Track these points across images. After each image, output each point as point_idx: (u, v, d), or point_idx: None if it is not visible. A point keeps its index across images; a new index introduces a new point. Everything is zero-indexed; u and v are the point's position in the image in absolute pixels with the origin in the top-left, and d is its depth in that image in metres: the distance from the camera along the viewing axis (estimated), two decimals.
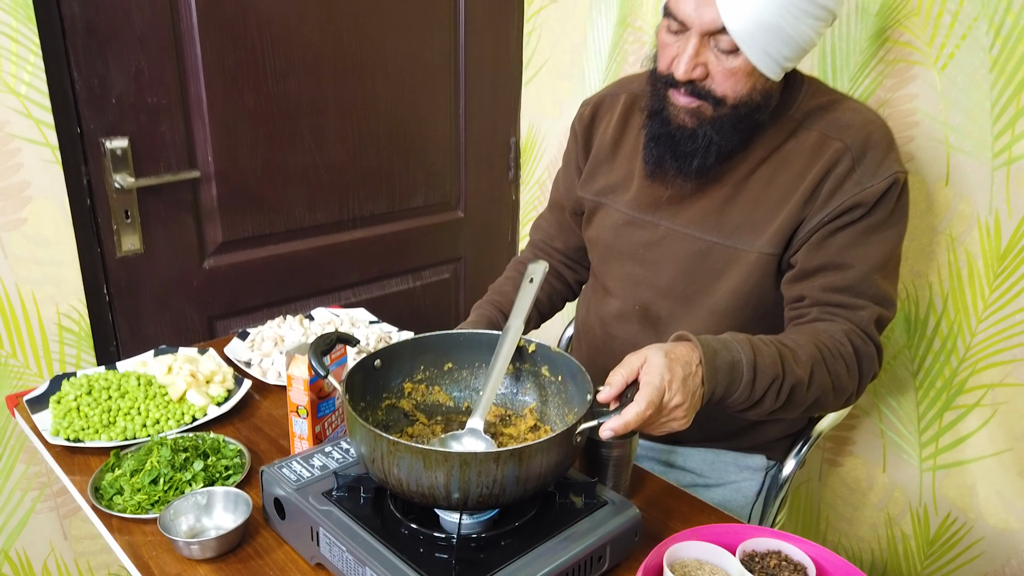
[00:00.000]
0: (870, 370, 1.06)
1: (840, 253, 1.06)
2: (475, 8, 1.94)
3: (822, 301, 1.06)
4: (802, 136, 1.10)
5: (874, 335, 1.06)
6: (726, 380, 0.92)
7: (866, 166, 1.05)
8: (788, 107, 1.11)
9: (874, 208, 1.05)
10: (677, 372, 0.86)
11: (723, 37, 0.98)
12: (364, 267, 1.93)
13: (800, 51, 1.02)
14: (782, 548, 0.90)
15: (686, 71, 1.01)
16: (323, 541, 0.88)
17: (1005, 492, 1.40)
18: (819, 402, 1.01)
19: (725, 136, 1.06)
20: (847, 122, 1.08)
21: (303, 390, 1.09)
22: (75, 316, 1.50)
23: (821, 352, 0.99)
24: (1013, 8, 1.24)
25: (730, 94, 1.03)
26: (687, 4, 0.99)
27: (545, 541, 0.85)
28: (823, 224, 1.06)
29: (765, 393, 0.95)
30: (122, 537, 0.98)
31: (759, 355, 0.94)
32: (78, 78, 1.42)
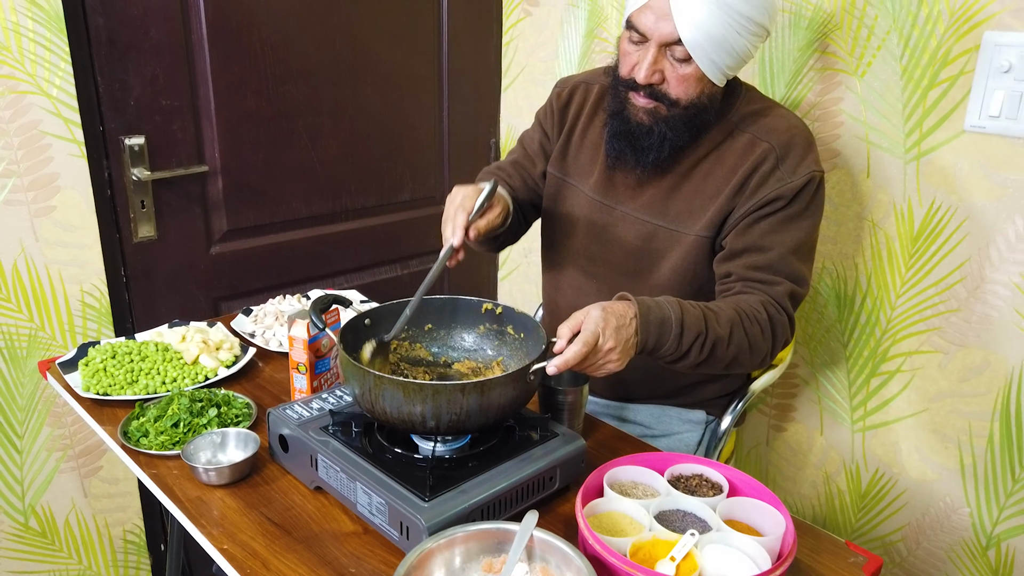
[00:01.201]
0: (782, 335, 1.22)
1: (762, 237, 1.23)
2: (457, 20, 2.13)
3: (745, 277, 1.24)
4: (737, 137, 1.28)
5: (787, 306, 1.23)
6: (657, 333, 1.09)
7: (788, 165, 1.24)
8: (727, 111, 1.29)
9: (793, 201, 1.23)
10: (611, 321, 1.04)
11: (678, 48, 1.16)
12: (355, 256, 2.11)
13: (740, 61, 1.21)
14: (703, 472, 1.08)
15: (646, 76, 1.19)
16: (321, 466, 1.06)
17: (923, 448, 1.59)
18: (738, 359, 1.19)
19: (677, 133, 1.24)
20: (774, 126, 1.27)
21: (303, 349, 1.26)
22: (96, 294, 1.67)
23: (740, 316, 1.17)
24: (918, 22, 1.43)
25: (683, 97, 1.21)
26: (648, 18, 1.17)
27: (504, 463, 1.03)
28: (749, 213, 1.24)
29: (691, 347, 1.12)
30: (149, 470, 1.15)
31: (687, 314, 1.12)
32: (102, 83, 1.60)
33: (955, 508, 1.57)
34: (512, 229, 1.47)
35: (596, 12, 1.98)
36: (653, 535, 0.94)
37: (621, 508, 1.00)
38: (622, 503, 1.00)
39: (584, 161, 1.41)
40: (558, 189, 1.44)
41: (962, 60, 1.39)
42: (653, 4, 1.16)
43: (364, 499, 1.00)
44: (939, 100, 1.43)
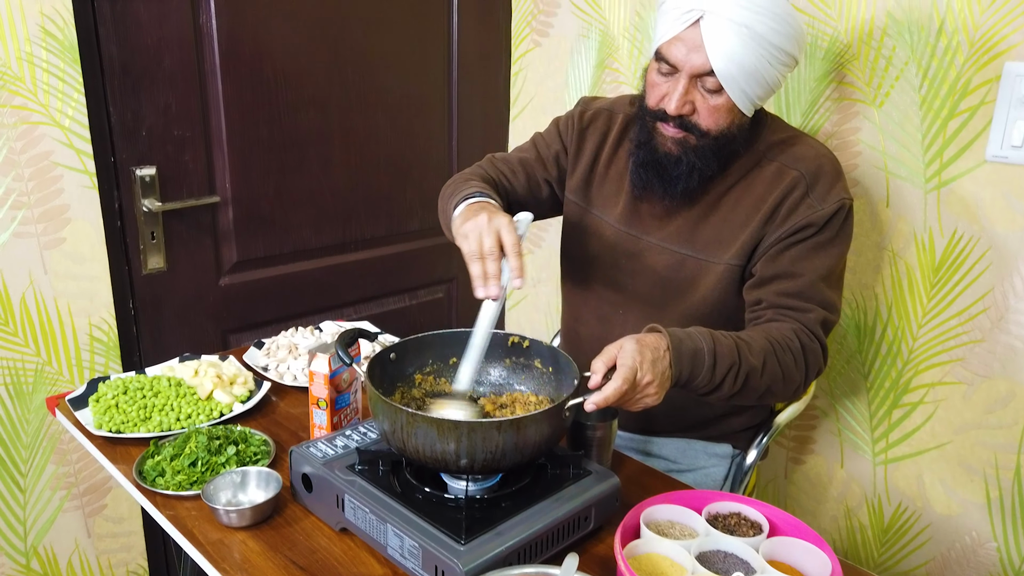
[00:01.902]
0: (815, 364, 1.21)
1: (792, 264, 1.22)
2: (467, 50, 2.13)
3: (776, 304, 1.22)
4: (765, 166, 1.27)
5: (819, 334, 1.21)
6: (690, 364, 1.07)
7: (817, 192, 1.23)
8: (754, 141, 1.28)
9: (823, 228, 1.22)
10: (647, 355, 1.02)
11: (709, 79, 1.16)
12: (364, 286, 2.09)
13: (770, 91, 1.21)
14: (741, 510, 1.05)
15: (677, 107, 1.18)
16: (348, 506, 1.02)
17: (947, 481, 1.57)
18: (771, 390, 1.17)
19: (707, 162, 1.22)
20: (802, 155, 1.26)
21: (323, 384, 1.23)
22: (104, 327, 1.64)
23: (772, 346, 1.15)
24: (937, 53, 1.43)
25: (713, 128, 1.20)
26: (679, 50, 1.16)
27: (538, 503, 1.00)
28: (779, 240, 1.23)
29: (724, 377, 1.10)
30: (166, 511, 1.11)
31: (719, 344, 1.10)
32: (114, 112, 1.58)
33: (982, 543, 1.54)
34: None
35: (607, 43, 1.98)
36: None
37: (661, 549, 0.97)
38: (661, 544, 0.97)
39: (609, 192, 1.39)
40: (581, 219, 1.42)
41: (982, 90, 1.39)
42: (684, 36, 1.15)
43: (395, 541, 0.96)
44: (959, 130, 1.43)
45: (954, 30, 1.41)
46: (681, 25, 1.14)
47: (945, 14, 1.41)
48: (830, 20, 1.56)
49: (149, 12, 1.58)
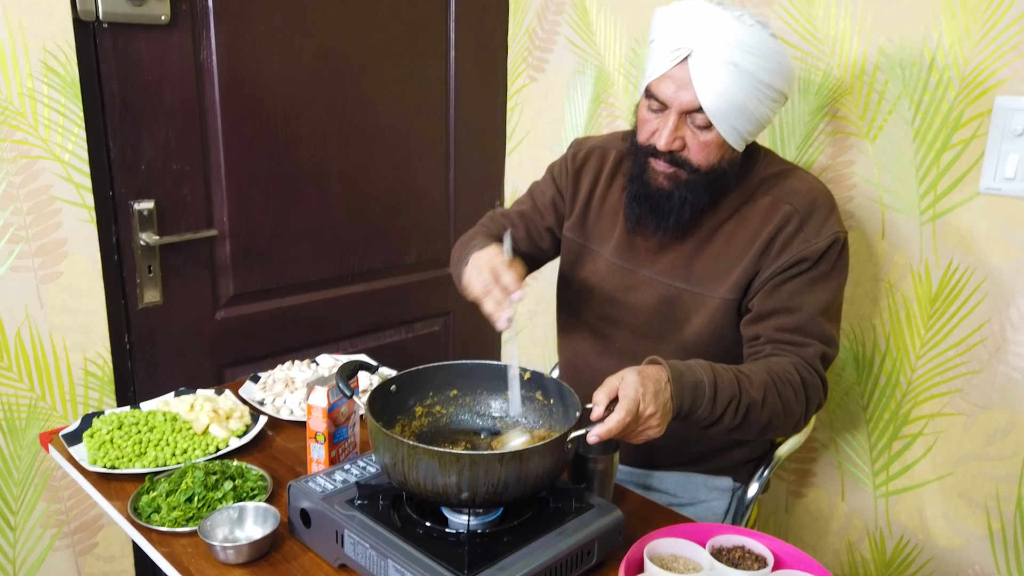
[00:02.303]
0: (816, 398, 1.20)
1: (790, 299, 1.22)
2: (464, 86, 2.16)
3: (775, 339, 1.22)
4: (758, 199, 1.28)
5: (819, 368, 1.21)
6: (691, 396, 1.07)
7: (812, 226, 1.23)
8: (747, 174, 1.29)
9: (818, 262, 1.22)
10: (649, 387, 1.01)
11: (698, 115, 1.17)
12: (361, 319, 2.08)
13: (760, 126, 1.22)
14: (746, 543, 1.04)
15: (667, 143, 1.19)
16: (347, 542, 1.01)
17: (949, 514, 1.56)
18: (772, 423, 1.16)
19: (698, 196, 1.23)
20: (795, 188, 1.27)
21: (321, 418, 1.22)
22: (99, 362, 1.62)
23: (773, 379, 1.15)
24: (929, 88, 1.46)
25: (703, 163, 1.21)
26: (668, 87, 1.17)
27: (541, 537, 0.99)
28: (775, 275, 1.23)
29: (725, 410, 1.10)
30: (162, 548, 1.09)
31: (719, 377, 1.09)
32: (114, 147, 1.59)
33: None
34: None
35: (603, 78, 2.01)
36: None
37: None
38: None
39: (604, 226, 1.40)
40: (578, 254, 1.43)
41: (974, 124, 1.41)
42: (673, 74, 1.16)
43: None
44: (952, 162, 1.45)
45: (945, 66, 1.43)
46: (670, 63, 1.16)
47: (936, 50, 1.44)
48: (823, 56, 1.59)
49: (151, 49, 1.60)
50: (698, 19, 1.14)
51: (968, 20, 1.40)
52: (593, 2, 1.99)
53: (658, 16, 1.20)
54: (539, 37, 2.16)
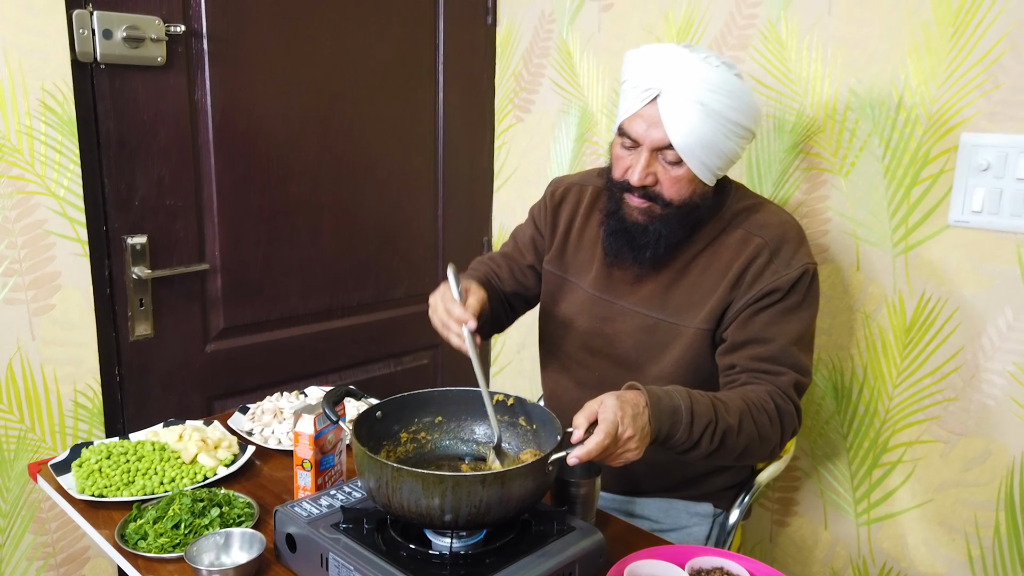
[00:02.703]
0: (790, 425, 1.24)
1: (764, 329, 1.26)
2: (452, 125, 2.22)
3: (749, 368, 1.26)
4: (731, 232, 1.32)
5: (793, 396, 1.25)
6: (669, 421, 1.10)
7: (782, 258, 1.28)
8: (720, 208, 1.34)
9: (789, 293, 1.26)
10: (628, 410, 1.04)
11: (669, 152, 1.22)
12: (351, 352, 2.11)
13: (729, 162, 1.27)
14: (724, 564, 1.06)
15: (640, 179, 1.24)
16: (332, 565, 1.02)
17: (930, 540, 1.58)
18: (748, 449, 1.19)
19: (672, 230, 1.28)
20: (766, 222, 1.32)
21: (308, 445, 1.24)
22: (89, 394, 1.64)
23: (748, 407, 1.18)
24: (898, 126, 1.52)
25: (676, 197, 1.26)
26: (639, 126, 1.23)
27: (523, 558, 1.01)
28: (748, 305, 1.27)
29: (702, 435, 1.13)
30: (149, 575, 1.10)
31: (696, 403, 1.12)
32: (108, 184, 1.63)
33: None
34: (497, 319, 1.50)
35: (586, 118, 2.07)
36: None
37: None
38: None
39: (583, 259, 1.45)
40: (558, 287, 1.47)
41: (942, 160, 1.47)
42: (644, 113, 1.22)
43: None
44: (922, 197, 1.50)
45: (912, 104, 1.49)
46: (640, 102, 1.21)
47: (903, 90, 1.50)
48: (796, 96, 1.65)
49: (147, 90, 1.65)
50: (667, 61, 1.19)
51: (933, 62, 1.46)
52: (576, 45, 2.06)
53: (629, 58, 1.26)
54: (525, 79, 2.23)
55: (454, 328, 1.22)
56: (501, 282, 1.53)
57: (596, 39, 2.01)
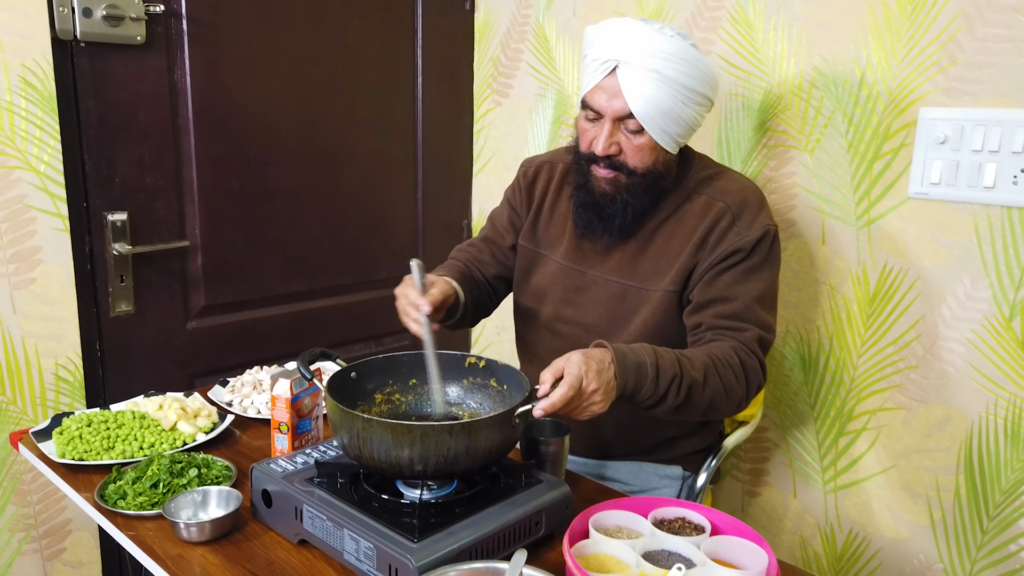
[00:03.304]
0: (755, 380, 1.28)
1: (727, 288, 1.31)
2: (432, 110, 2.25)
3: (714, 326, 1.30)
4: (694, 200, 1.37)
5: (757, 351, 1.29)
6: (634, 376, 1.14)
7: (744, 221, 1.33)
8: (684, 177, 1.39)
9: (751, 253, 1.31)
10: (592, 365, 1.08)
11: (630, 121, 1.27)
12: (332, 333, 2.13)
13: (689, 129, 1.31)
14: (686, 514, 1.10)
15: (604, 148, 1.29)
16: (306, 516, 1.05)
17: (894, 506, 1.62)
18: (714, 404, 1.23)
19: (638, 199, 1.33)
20: (727, 188, 1.37)
21: (285, 408, 1.28)
22: (71, 368, 1.66)
23: (713, 361, 1.22)
24: (860, 102, 1.57)
25: (639, 165, 1.30)
26: (600, 97, 1.28)
27: (491, 506, 1.04)
28: (712, 266, 1.32)
29: (668, 389, 1.16)
30: (128, 531, 1.13)
31: (661, 359, 1.16)
32: (89, 161, 1.65)
33: (929, 565, 1.59)
34: (481, 303, 1.54)
35: (562, 101, 2.11)
36: (641, 571, 0.95)
37: (607, 550, 1.01)
38: (608, 544, 1.01)
39: (554, 233, 1.49)
40: (531, 260, 1.51)
41: (902, 134, 1.52)
42: (604, 84, 1.27)
43: (351, 546, 0.99)
44: (884, 171, 1.55)
45: (874, 81, 1.54)
46: (600, 75, 1.27)
47: (865, 67, 1.55)
48: (764, 76, 1.70)
49: (127, 69, 1.67)
50: (623, 33, 1.25)
51: (893, 40, 1.51)
52: (553, 30, 2.10)
53: (588, 34, 1.32)
54: (503, 64, 2.26)
55: (412, 314, 1.28)
56: (483, 266, 1.57)
57: (572, 24, 2.05)
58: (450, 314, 1.40)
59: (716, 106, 1.78)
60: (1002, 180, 1.40)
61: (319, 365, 1.53)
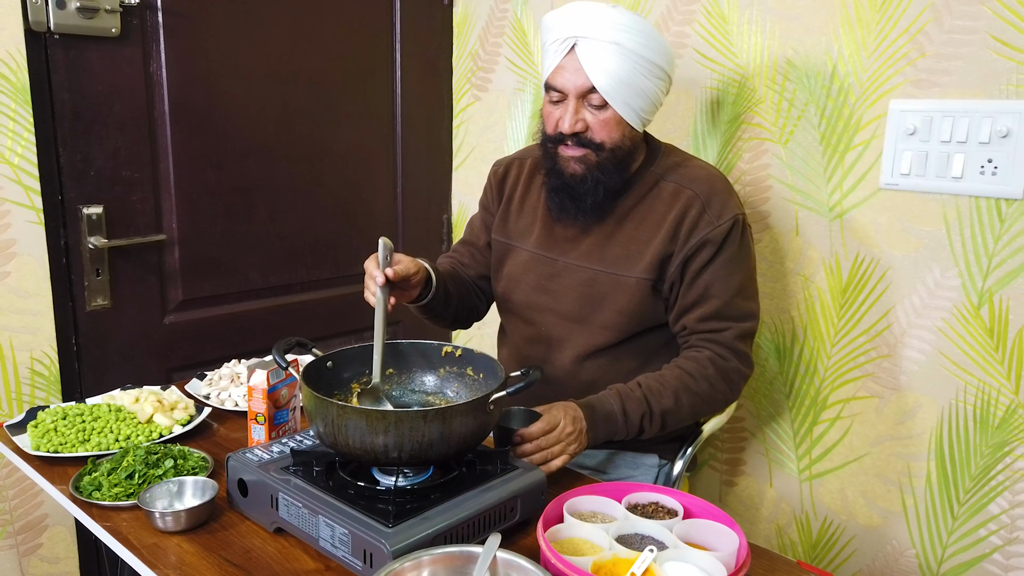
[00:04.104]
0: (738, 377, 1.35)
1: (707, 288, 1.35)
2: (410, 105, 2.25)
3: (697, 330, 1.36)
4: (663, 186, 1.40)
5: (738, 348, 1.35)
6: (604, 427, 1.27)
7: (713, 210, 1.35)
8: (651, 164, 1.42)
9: (724, 244, 1.34)
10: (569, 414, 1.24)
11: (594, 96, 1.30)
12: (311, 326, 2.13)
13: (651, 103, 1.34)
14: (659, 499, 1.11)
15: (571, 124, 1.32)
16: (282, 504, 1.06)
17: (868, 493, 1.65)
18: (697, 415, 1.35)
19: (609, 175, 1.35)
20: (695, 176, 1.40)
21: (262, 399, 1.28)
22: (46, 362, 1.65)
23: (684, 381, 1.32)
24: (832, 94, 1.59)
25: (607, 139, 1.33)
26: (563, 76, 1.31)
27: (466, 492, 1.05)
28: (686, 258, 1.34)
29: (641, 425, 1.29)
30: (103, 522, 1.13)
31: (627, 401, 1.28)
32: (63, 154, 1.64)
33: (902, 551, 1.61)
34: (469, 303, 1.56)
35: (541, 95, 2.11)
36: (613, 554, 0.97)
37: (581, 533, 1.02)
38: (582, 528, 1.02)
39: (525, 223, 1.51)
40: (503, 252, 1.54)
41: (873, 126, 1.54)
42: (565, 63, 1.31)
43: (327, 532, 1.00)
44: (855, 162, 1.57)
45: (845, 74, 1.56)
46: (560, 55, 1.30)
47: (837, 60, 1.57)
48: (738, 68, 1.72)
49: (102, 61, 1.66)
50: (579, 12, 1.29)
51: (863, 33, 1.53)
52: (530, 24, 2.11)
53: (546, 20, 1.35)
54: (481, 59, 2.27)
55: (370, 285, 1.29)
56: (465, 268, 1.60)
57: None
58: (422, 295, 1.40)
59: (691, 99, 1.80)
60: (970, 170, 1.43)
61: (296, 356, 1.52)
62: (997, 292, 1.43)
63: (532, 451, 1.20)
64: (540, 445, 1.20)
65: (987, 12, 1.38)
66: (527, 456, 1.20)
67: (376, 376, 1.17)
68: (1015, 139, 1.37)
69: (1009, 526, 1.46)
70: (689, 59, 1.79)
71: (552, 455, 1.21)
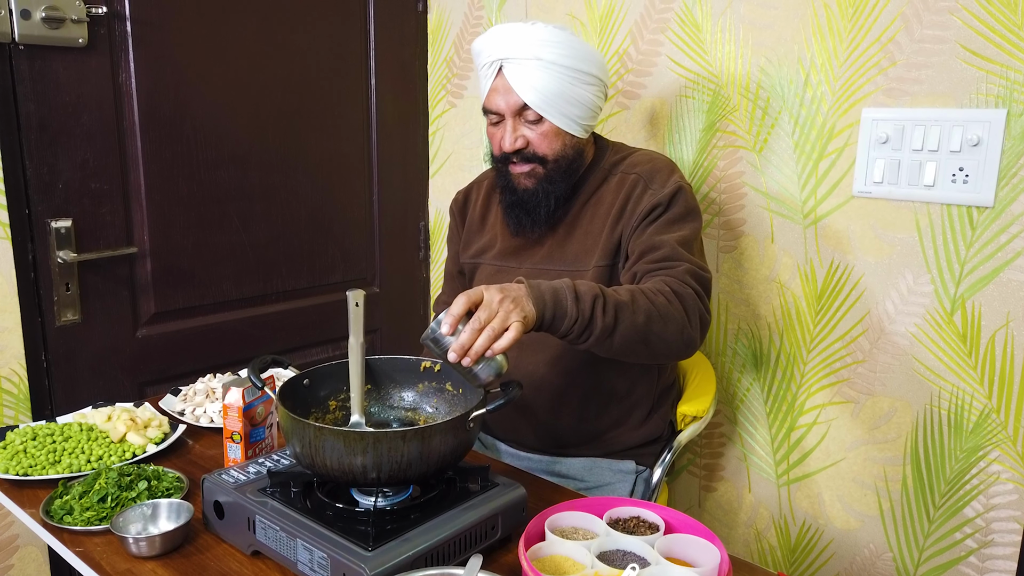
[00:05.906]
0: (694, 307, 1.23)
1: (652, 237, 1.33)
2: (386, 111, 2.24)
3: (647, 271, 1.29)
4: (610, 180, 1.45)
5: (690, 282, 1.25)
6: (552, 300, 1.09)
7: (656, 184, 1.39)
8: (599, 162, 1.47)
9: (670, 205, 1.36)
10: (495, 287, 1.06)
11: (528, 112, 1.35)
12: (287, 337, 2.11)
13: (587, 110, 1.37)
14: (640, 513, 1.11)
15: (511, 143, 1.37)
16: (259, 527, 1.04)
17: (844, 497, 1.66)
18: (653, 329, 1.16)
19: (556, 185, 1.40)
20: (637, 161, 1.45)
21: (237, 417, 1.26)
22: (15, 379, 1.61)
23: (641, 289, 1.19)
24: (805, 103, 1.60)
25: (549, 152, 1.38)
26: (496, 98, 1.36)
27: (447, 511, 1.04)
28: (635, 227, 1.37)
29: (593, 311, 1.11)
30: (75, 548, 1.10)
31: (579, 284, 1.12)
32: (30, 166, 1.61)
33: (879, 554, 1.63)
34: None
35: None
36: (596, 572, 0.96)
37: (563, 551, 1.02)
38: (563, 546, 1.02)
39: (487, 240, 1.55)
40: (472, 271, 1.58)
41: (846, 134, 1.55)
42: (496, 85, 1.36)
43: (305, 556, 0.98)
44: (829, 170, 1.58)
45: (818, 82, 1.57)
46: (490, 78, 1.36)
47: (809, 68, 1.58)
48: (712, 77, 1.72)
49: (68, 71, 1.63)
50: (502, 34, 1.34)
51: (835, 42, 1.54)
52: None
53: (474, 46, 1.40)
54: (457, 65, 2.26)
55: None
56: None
57: None
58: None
59: (665, 106, 1.80)
60: (941, 178, 1.44)
61: (272, 372, 1.51)
62: (969, 298, 1.45)
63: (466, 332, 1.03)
64: (472, 325, 1.03)
65: (956, 22, 1.40)
66: (466, 345, 1.03)
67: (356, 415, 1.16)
68: (986, 147, 1.39)
69: (984, 529, 1.49)
70: (663, 67, 1.80)
71: (494, 330, 1.03)
